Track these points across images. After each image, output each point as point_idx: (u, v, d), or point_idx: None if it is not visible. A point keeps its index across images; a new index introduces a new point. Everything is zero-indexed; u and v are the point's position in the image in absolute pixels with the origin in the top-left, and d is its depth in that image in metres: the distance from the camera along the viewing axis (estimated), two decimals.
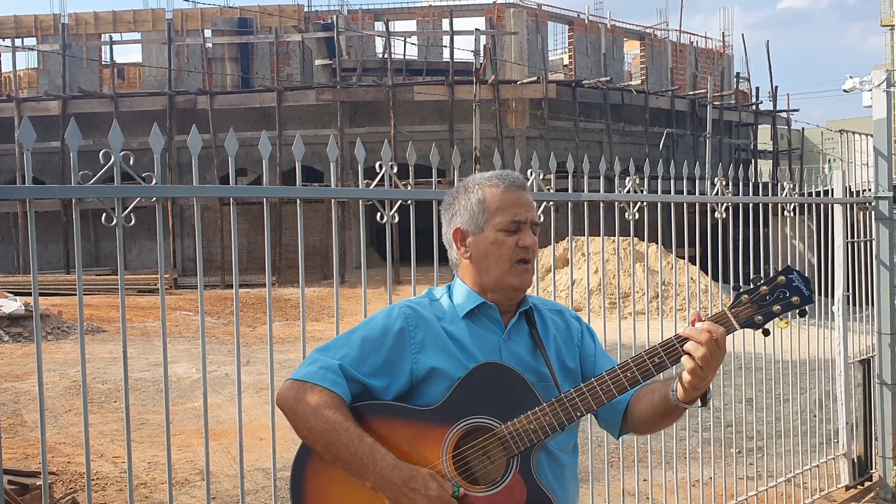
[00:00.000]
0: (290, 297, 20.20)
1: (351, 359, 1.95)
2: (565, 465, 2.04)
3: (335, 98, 25.77)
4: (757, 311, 1.85)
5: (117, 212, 2.41)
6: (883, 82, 5.45)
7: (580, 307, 15.78)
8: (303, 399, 1.90)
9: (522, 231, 2.00)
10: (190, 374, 10.80)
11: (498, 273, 1.99)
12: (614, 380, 1.88)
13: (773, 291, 1.85)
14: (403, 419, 1.92)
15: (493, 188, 2.02)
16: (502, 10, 29.90)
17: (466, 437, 1.89)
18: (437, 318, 2.01)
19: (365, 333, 1.99)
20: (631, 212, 4.03)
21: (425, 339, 1.97)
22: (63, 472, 6.48)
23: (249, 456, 6.43)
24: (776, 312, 1.85)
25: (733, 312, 1.86)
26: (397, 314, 2.01)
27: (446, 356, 1.96)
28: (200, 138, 2.63)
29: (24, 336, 14.11)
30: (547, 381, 2.00)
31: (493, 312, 2.03)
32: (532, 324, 2.07)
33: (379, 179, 3.00)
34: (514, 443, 1.86)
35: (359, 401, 1.95)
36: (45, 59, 30.25)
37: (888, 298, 5.39)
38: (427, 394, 1.95)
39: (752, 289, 1.87)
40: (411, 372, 1.96)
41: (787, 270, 1.87)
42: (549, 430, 1.86)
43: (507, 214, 1.99)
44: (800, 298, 1.85)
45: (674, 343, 1.86)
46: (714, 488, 4.88)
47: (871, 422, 5.60)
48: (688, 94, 31.54)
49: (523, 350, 2.03)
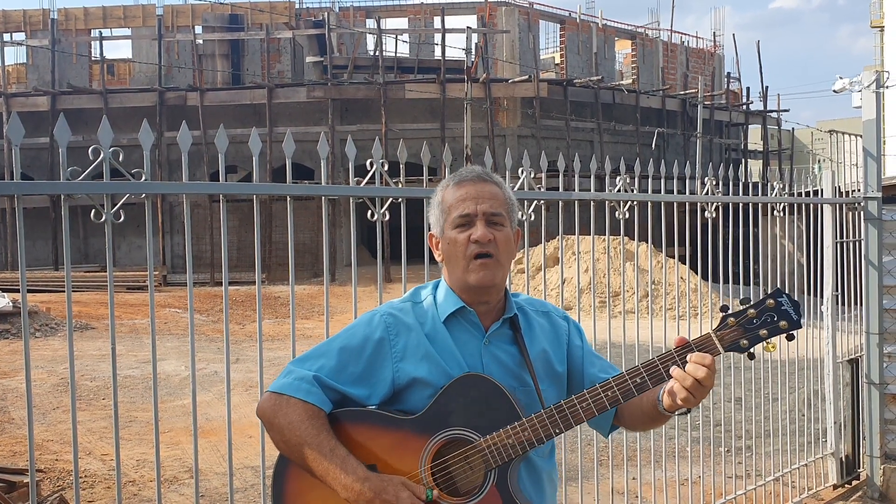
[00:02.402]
0: (279, 294, 20.15)
1: (329, 369, 1.94)
2: (542, 471, 2.05)
3: (326, 95, 25.73)
4: (742, 334, 1.83)
5: (106, 208, 2.39)
6: (872, 83, 5.48)
7: (570, 306, 15.79)
8: (279, 412, 1.91)
9: (474, 225, 1.94)
10: (179, 371, 10.76)
11: (459, 272, 1.96)
12: (595, 399, 1.87)
13: (761, 315, 1.83)
14: (383, 427, 1.92)
15: (447, 187, 2.01)
16: (494, 9, 29.90)
17: (445, 448, 1.90)
18: (420, 324, 1.99)
19: (344, 343, 1.98)
20: (621, 211, 4.03)
21: (406, 347, 1.96)
22: (51, 470, 6.45)
23: (238, 454, 6.41)
24: (762, 337, 1.83)
25: (718, 336, 1.84)
26: (378, 322, 1.99)
27: (428, 364, 1.94)
28: (190, 135, 2.62)
29: (12, 333, 14.03)
30: (529, 388, 1.99)
31: (471, 317, 2.00)
32: (517, 329, 2.04)
33: (370, 177, 2.99)
34: (492, 456, 1.86)
35: (340, 408, 1.95)
36: (33, 55, 30.07)
37: (877, 298, 5.42)
38: (409, 401, 1.94)
39: (739, 311, 1.85)
40: (393, 381, 1.95)
41: (776, 293, 1.85)
42: (527, 445, 1.87)
43: (456, 210, 1.96)
44: (788, 323, 1.83)
45: (657, 366, 1.85)
46: (703, 487, 4.90)
47: (858, 421, 5.62)
48: (679, 94, 31.63)
49: (506, 355, 2.01)
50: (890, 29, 36.84)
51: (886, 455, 5.48)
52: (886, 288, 5.45)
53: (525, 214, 3.56)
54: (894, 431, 5.49)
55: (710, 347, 1.83)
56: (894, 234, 5.44)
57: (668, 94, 30.64)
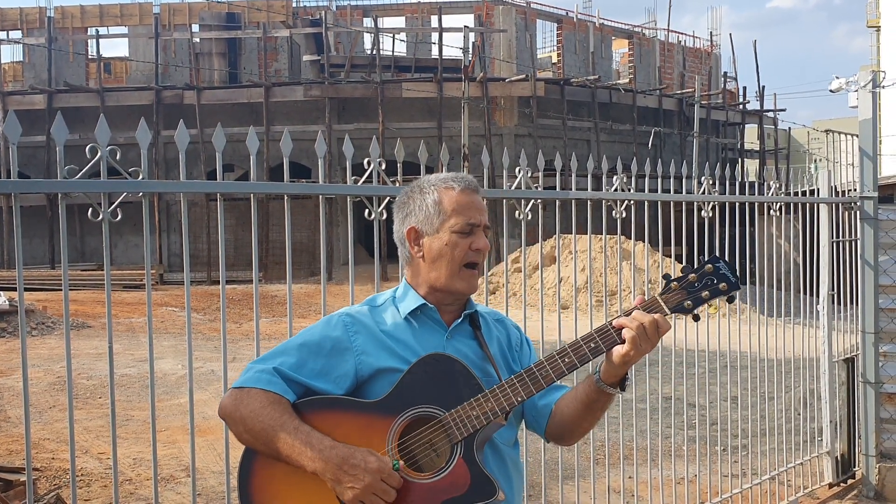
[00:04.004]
0: (276, 293, 20.15)
1: (289, 364, 1.97)
2: (507, 457, 2.10)
3: (323, 94, 25.72)
4: (686, 296, 1.95)
5: (103, 207, 2.40)
6: (869, 83, 5.49)
7: (567, 305, 15.81)
8: (240, 404, 1.93)
9: (475, 234, 2.04)
10: (176, 370, 10.76)
11: (448, 274, 2.03)
12: (552, 364, 1.94)
13: (702, 279, 1.95)
14: (347, 412, 1.94)
15: (450, 190, 2.05)
16: (491, 8, 29.90)
17: (412, 427, 1.92)
18: (378, 324, 2.04)
19: (303, 340, 2.02)
20: (618, 210, 4.04)
21: (367, 343, 2.00)
22: (47, 468, 6.44)
23: (235, 453, 6.38)
24: (704, 298, 1.95)
25: (663, 298, 1.95)
26: (336, 322, 2.04)
27: (390, 355, 1.99)
28: (187, 133, 2.62)
29: (9, 332, 14.02)
30: (492, 378, 2.04)
31: (433, 314, 2.06)
32: (476, 326, 2.12)
33: (367, 176, 3.00)
34: (457, 429, 1.90)
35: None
36: (30, 53, 30.03)
37: (872, 298, 5.43)
38: (374, 392, 1.97)
39: (680, 277, 1.97)
40: (356, 373, 1.98)
41: (713, 259, 1.97)
42: (490, 415, 1.91)
43: (463, 217, 2.03)
44: (727, 285, 1.94)
45: (609, 329, 1.93)
46: (699, 486, 4.91)
47: (854, 420, 5.64)
48: (675, 94, 31.66)
49: (467, 349, 2.07)
50: (886, 28, 36.93)
51: (882, 454, 5.50)
52: (882, 287, 5.47)
53: (522, 214, 3.57)
54: (890, 430, 5.51)
55: (657, 308, 1.93)
56: (890, 234, 5.45)
57: (664, 94, 30.68)
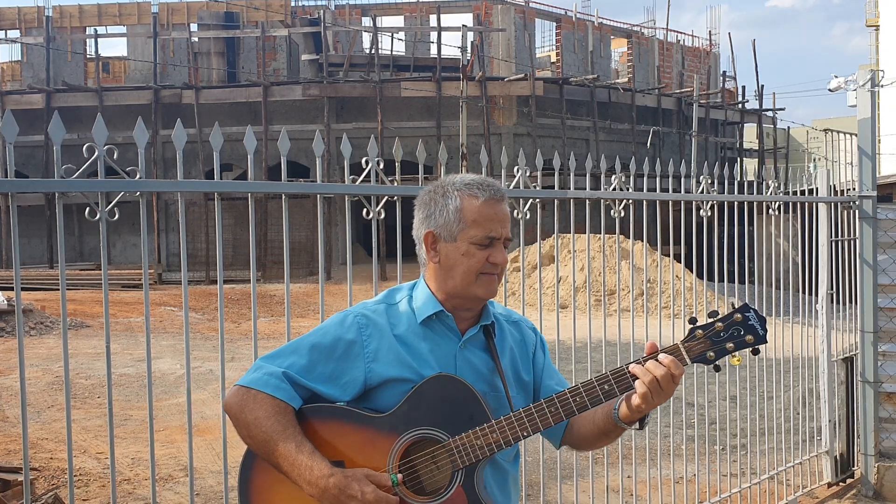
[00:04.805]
0: (275, 293, 20.13)
1: (299, 367, 1.94)
2: (508, 473, 2.08)
3: (322, 93, 25.70)
4: (710, 346, 1.88)
5: (101, 206, 2.39)
6: (867, 82, 5.49)
7: (566, 304, 15.81)
8: (245, 406, 1.90)
9: (495, 247, 1.97)
10: (174, 369, 10.75)
11: (464, 283, 1.97)
12: (563, 404, 1.90)
13: (729, 328, 1.88)
14: (352, 424, 1.92)
15: (473, 198, 1.97)
16: (490, 7, 29.89)
17: (414, 447, 1.91)
18: (392, 326, 1.99)
19: (315, 340, 1.97)
20: (617, 209, 4.04)
21: (379, 348, 1.96)
22: (45, 468, 6.43)
23: (234, 452, 6.37)
24: (729, 350, 1.88)
25: (686, 346, 1.89)
26: (351, 322, 1.99)
27: (401, 366, 1.95)
28: (185, 133, 2.61)
29: (7, 331, 14.00)
30: (499, 393, 2.01)
31: (449, 321, 2.01)
32: (490, 336, 2.07)
33: (365, 175, 2.99)
34: (459, 457, 1.88)
35: (310, 403, 1.95)
36: (28, 52, 29.99)
37: (871, 297, 5.43)
38: (381, 400, 1.95)
39: (707, 324, 1.90)
40: (365, 381, 1.95)
41: (744, 308, 1.89)
42: (495, 447, 1.89)
43: (483, 229, 1.96)
44: (753, 337, 1.88)
45: (625, 373, 1.89)
46: (697, 485, 4.91)
47: (853, 419, 5.64)
48: (674, 93, 31.67)
49: (478, 361, 2.03)
50: (885, 28, 36.93)
51: (881, 453, 5.50)
52: (881, 286, 5.47)
53: (521, 213, 3.56)
54: (888, 430, 5.51)
55: (678, 357, 1.87)
56: (889, 233, 5.45)
57: (663, 93, 30.67)
